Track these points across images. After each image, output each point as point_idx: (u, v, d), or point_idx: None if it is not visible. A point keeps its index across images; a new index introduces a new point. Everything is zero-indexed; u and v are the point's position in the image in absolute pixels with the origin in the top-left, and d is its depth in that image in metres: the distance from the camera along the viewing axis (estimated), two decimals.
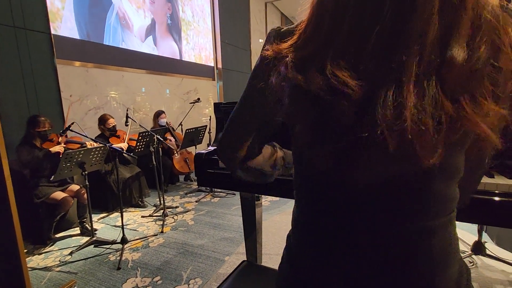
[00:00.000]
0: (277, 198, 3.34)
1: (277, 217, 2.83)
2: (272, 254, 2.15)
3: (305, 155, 0.47)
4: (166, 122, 4.06)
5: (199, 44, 5.74)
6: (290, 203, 3.19)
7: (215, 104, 1.20)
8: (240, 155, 0.55)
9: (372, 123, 0.35)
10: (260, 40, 8.25)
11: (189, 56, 5.41)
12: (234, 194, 3.62)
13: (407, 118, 0.33)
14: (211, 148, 1.12)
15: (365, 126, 0.36)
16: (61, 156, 2.36)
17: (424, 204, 0.41)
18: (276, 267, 1.00)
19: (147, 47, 4.42)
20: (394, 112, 0.34)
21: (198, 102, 4.65)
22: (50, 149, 2.47)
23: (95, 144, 2.64)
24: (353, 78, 0.36)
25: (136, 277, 1.96)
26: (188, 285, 1.85)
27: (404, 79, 0.34)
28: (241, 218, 2.83)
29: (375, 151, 0.37)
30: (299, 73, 0.40)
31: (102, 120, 3.24)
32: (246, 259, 2.10)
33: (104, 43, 3.73)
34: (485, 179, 0.72)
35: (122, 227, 2.31)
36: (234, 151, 0.55)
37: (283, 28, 0.50)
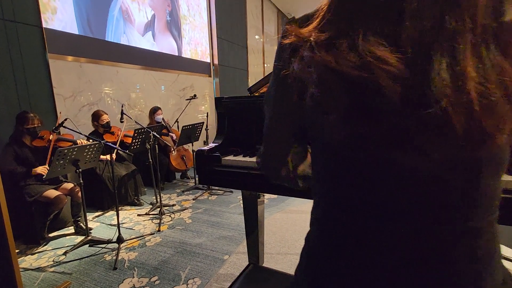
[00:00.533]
0: (276, 196, 3.30)
1: (278, 215, 2.80)
2: (273, 254, 2.11)
3: (336, 148, 0.41)
4: (163, 119, 3.99)
5: (195, 39, 5.65)
6: (289, 201, 3.16)
7: (216, 98, 1.15)
8: (287, 168, 0.52)
9: (428, 100, 0.31)
10: (257, 37, 8.18)
11: (184, 51, 5.32)
12: (232, 191, 3.58)
13: (471, 89, 0.29)
14: (212, 144, 1.07)
15: (418, 105, 0.32)
16: (48, 166, 2.28)
17: (470, 201, 0.37)
18: (278, 267, 0.97)
19: (146, 42, 4.36)
20: (454, 85, 0.30)
21: (194, 98, 4.59)
22: (32, 170, 2.36)
23: (85, 142, 2.57)
24: (392, 52, 0.32)
25: (133, 277, 1.91)
26: (187, 285, 1.80)
27: (460, 46, 0.30)
28: (240, 216, 2.82)
29: (431, 134, 0.32)
30: (328, 53, 0.36)
31: (96, 116, 3.16)
32: (247, 259, 2.06)
33: (98, 37, 3.63)
34: (507, 177, 0.69)
35: (118, 225, 2.25)
36: (280, 166, 0.52)
37: (298, 17, 0.46)
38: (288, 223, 2.60)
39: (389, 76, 0.32)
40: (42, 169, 2.36)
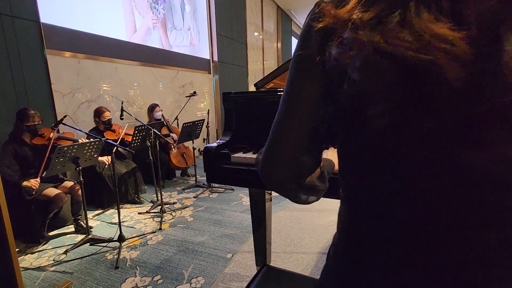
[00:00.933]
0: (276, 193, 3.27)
1: (281, 213, 2.77)
2: (279, 253, 2.09)
3: (380, 143, 0.36)
4: (162, 115, 3.94)
5: (194, 35, 5.60)
6: None
7: (224, 94, 1.12)
8: (294, 173, 0.45)
9: (499, 87, 0.27)
10: (256, 34, 8.12)
11: (184, 47, 5.27)
12: (233, 189, 3.55)
13: None
14: (220, 141, 1.04)
15: (486, 93, 0.28)
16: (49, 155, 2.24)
17: None
18: (285, 266, 0.94)
19: (147, 38, 4.30)
20: None
21: (194, 95, 4.54)
22: (24, 183, 2.24)
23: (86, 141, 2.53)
24: (454, 30, 0.28)
25: (135, 276, 1.88)
26: (190, 284, 1.78)
27: None
28: (242, 214, 2.79)
29: (502, 126, 0.29)
30: (375, 32, 0.31)
31: (98, 113, 3.12)
32: (253, 258, 2.03)
33: (96, 33, 3.57)
34: None
35: (120, 224, 2.22)
36: (285, 173, 0.45)
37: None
38: (293, 221, 2.58)
39: (452, 58, 0.28)
40: (34, 183, 2.24)
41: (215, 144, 0.99)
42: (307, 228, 2.45)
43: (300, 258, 2.02)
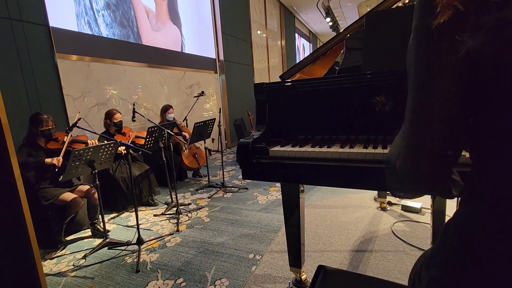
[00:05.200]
0: None
1: (304, 210, 2.71)
2: (309, 251, 2.02)
3: None
4: (174, 118, 3.91)
5: (200, 33, 5.56)
6: (307, 196, 3.08)
7: (256, 85, 1.06)
8: (443, 166, 0.39)
9: None
10: (259, 32, 8.06)
11: (189, 46, 5.23)
12: (247, 188, 3.50)
13: None
14: (255, 134, 0.98)
15: None
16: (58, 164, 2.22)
17: None
18: (320, 262, 0.89)
19: (154, 35, 4.26)
20: None
21: (202, 95, 4.51)
22: (45, 160, 2.28)
23: (96, 143, 2.50)
24: None
25: (158, 279, 1.84)
26: (215, 286, 1.73)
27: None
28: (259, 213, 2.74)
29: None
30: None
31: (109, 115, 3.08)
32: (282, 258, 1.98)
33: (102, 35, 3.55)
34: None
35: (138, 227, 2.18)
36: (434, 163, 0.39)
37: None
38: (318, 219, 2.52)
39: None
40: (56, 160, 2.27)
41: (251, 139, 0.93)
42: (334, 226, 2.39)
43: (333, 257, 1.96)
